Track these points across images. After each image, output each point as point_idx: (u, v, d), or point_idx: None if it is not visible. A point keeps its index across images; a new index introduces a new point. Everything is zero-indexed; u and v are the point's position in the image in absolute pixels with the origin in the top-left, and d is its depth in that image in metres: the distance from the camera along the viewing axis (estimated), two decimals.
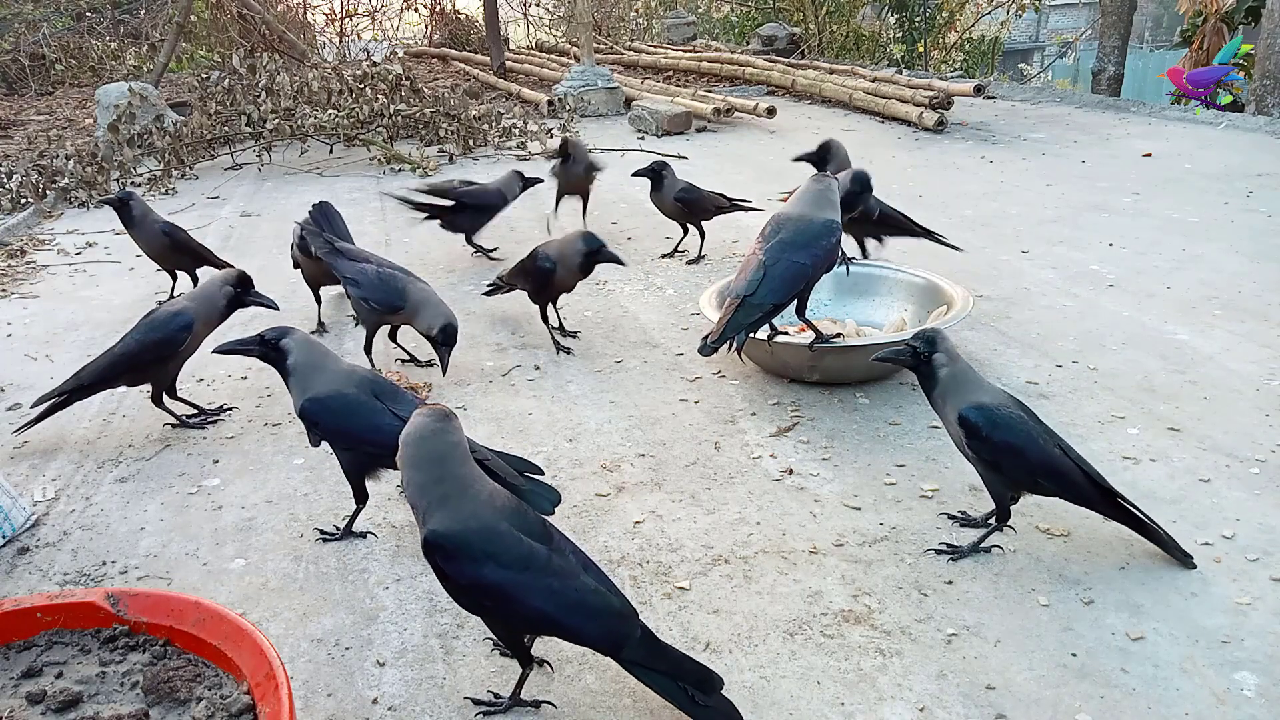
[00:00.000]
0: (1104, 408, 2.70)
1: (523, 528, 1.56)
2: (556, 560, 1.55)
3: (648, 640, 1.55)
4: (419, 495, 1.57)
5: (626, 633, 1.53)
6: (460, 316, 3.73)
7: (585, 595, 1.54)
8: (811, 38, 13.89)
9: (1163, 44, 19.54)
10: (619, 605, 1.56)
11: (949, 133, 7.20)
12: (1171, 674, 1.69)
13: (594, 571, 1.60)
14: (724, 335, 2.56)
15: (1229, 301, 3.46)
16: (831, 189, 2.78)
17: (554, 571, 1.54)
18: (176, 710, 1.43)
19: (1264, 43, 7.76)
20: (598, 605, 1.54)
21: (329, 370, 2.18)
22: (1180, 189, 5.18)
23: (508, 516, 1.57)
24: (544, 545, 1.56)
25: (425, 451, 1.58)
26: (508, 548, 1.53)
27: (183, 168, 6.76)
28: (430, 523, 1.54)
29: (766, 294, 2.59)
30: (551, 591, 1.53)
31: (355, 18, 15.83)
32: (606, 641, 1.55)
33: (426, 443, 1.58)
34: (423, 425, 1.59)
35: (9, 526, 2.29)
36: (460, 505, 1.55)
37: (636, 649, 1.53)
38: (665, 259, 4.38)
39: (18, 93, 11.41)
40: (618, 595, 1.59)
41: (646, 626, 1.58)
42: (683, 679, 1.54)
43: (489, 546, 1.53)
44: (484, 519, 1.55)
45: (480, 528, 1.54)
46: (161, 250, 4.02)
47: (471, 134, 7.25)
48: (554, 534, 1.61)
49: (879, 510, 2.25)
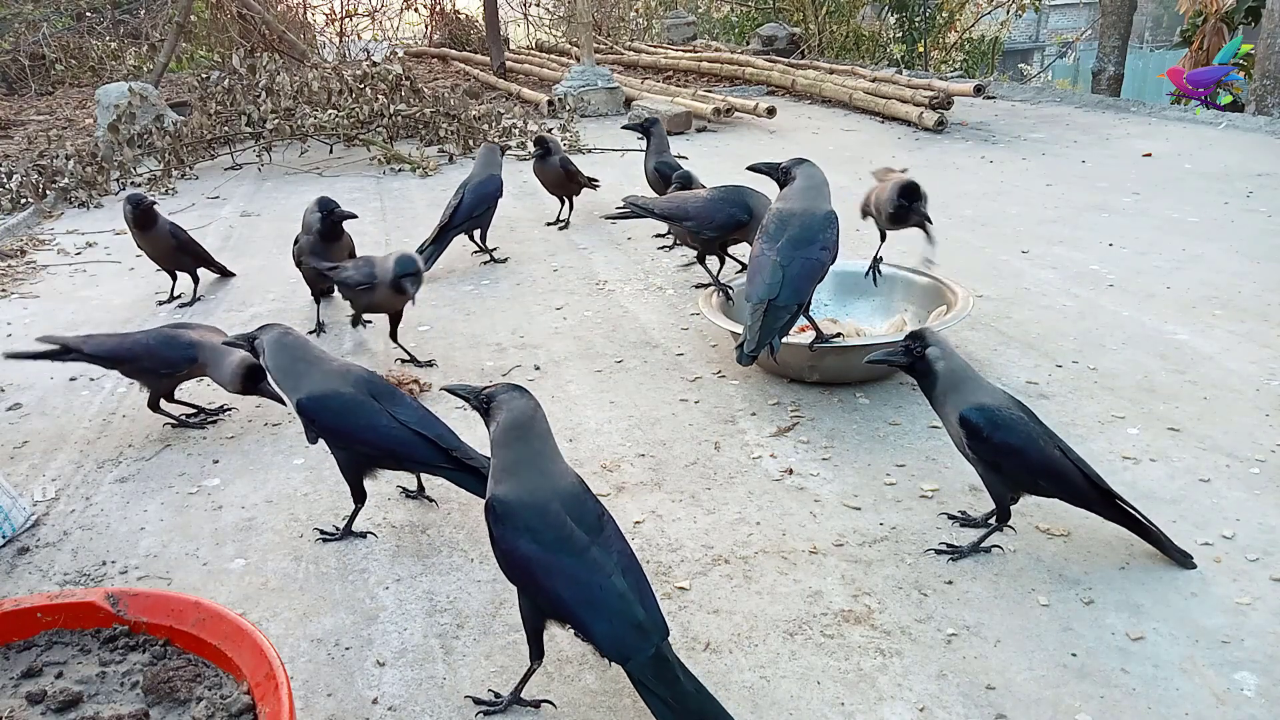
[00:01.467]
0: (1104, 408, 2.70)
1: (575, 513, 1.58)
2: (594, 552, 1.55)
3: (659, 663, 1.50)
4: (499, 467, 1.65)
5: (637, 646, 1.50)
6: (460, 316, 3.74)
7: (608, 595, 1.52)
8: (811, 38, 13.89)
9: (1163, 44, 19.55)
10: (640, 617, 1.52)
11: (949, 133, 7.20)
12: (1171, 674, 1.69)
13: (634, 577, 1.57)
14: (761, 342, 2.55)
15: (1229, 301, 3.46)
16: (824, 180, 2.78)
17: (585, 561, 1.54)
18: (176, 710, 1.43)
19: (1264, 43, 7.76)
20: (615, 608, 1.51)
21: (320, 367, 2.17)
22: (1180, 189, 5.18)
23: (564, 498, 1.60)
24: (590, 535, 1.56)
25: (518, 430, 1.65)
26: (548, 526, 1.57)
27: (183, 168, 6.76)
28: (494, 488, 1.64)
29: (790, 295, 2.59)
30: (574, 580, 1.53)
31: (355, 18, 15.83)
32: (613, 647, 1.52)
33: (521, 423, 1.65)
34: (523, 407, 1.67)
35: (9, 526, 2.29)
36: (524, 478, 1.62)
37: (644, 667, 1.49)
38: (660, 241, 4.40)
39: (18, 93, 11.40)
40: (648, 608, 1.54)
41: (668, 651, 1.52)
42: (682, 714, 1.48)
43: (532, 520, 1.57)
44: (538, 494, 1.60)
45: (531, 501, 1.59)
46: (167, 251, 4.03)
47: (471, 134, 7.25)
48: (607, 528, 1.61)
49: (879, 510, 2.25)
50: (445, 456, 2.08)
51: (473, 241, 4.42)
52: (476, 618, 1.94)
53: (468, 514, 2.32)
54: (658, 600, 1.60)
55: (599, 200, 5.18)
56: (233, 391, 2.70)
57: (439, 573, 2.10)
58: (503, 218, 5.10)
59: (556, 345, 3.38)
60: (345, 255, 3.65)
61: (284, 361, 2.16)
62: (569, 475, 1.66)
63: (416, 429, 2.10)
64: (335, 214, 3.53)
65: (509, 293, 3.99)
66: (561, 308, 3.77)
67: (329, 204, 3.56)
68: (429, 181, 6.30)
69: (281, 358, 2.16)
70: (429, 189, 6.03)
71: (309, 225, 3.57)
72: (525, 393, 1.70)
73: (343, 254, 3.65)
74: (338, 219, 3.54)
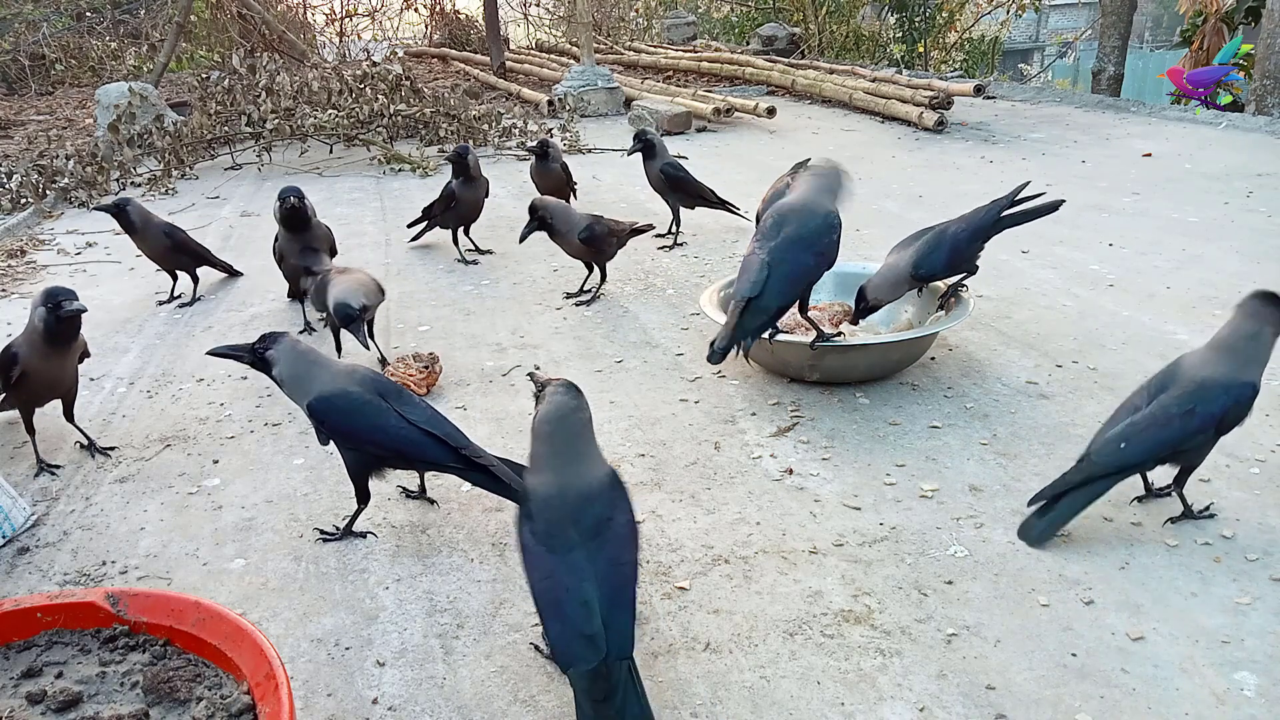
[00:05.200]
0: (1104, 408, 2.69)
1: (577, 513, 1.60)
2: (577, 555, 1.56)
3: (596, 679, 1.45)
4: (529, 456, 1.71)
5: (581, 655, 1.47)
6: (460, 316, 3.74)
7: (570, 599, 1.51)
8: (811, 38, 13.90)
9: (1163, 44, 19.57)
10: (593, 630, 1.48)
11: (949, 133, 7.20)
12: (1171, 674, 1.69)
13: (612, 590, 1.53)
14: (732, 340, 2.50)
15: (1229, 301, 3.43)
16: (836, 178, 2.70)
17: (565, 562, 1.55)
18: (176, 710, 1.43)
19: (1264, 43, 7.76)
20: (571, 614, 1.50)
21: (329, 369, 2.18)
22: (1180, 189, 5.18)
23: (571, 497, 1.62)
24: (582, 538, 1.57)
25: (550, 424, 1.69)
26: (545, 520, 1.60)
27: (183, 168, 6.76)
28: (525, 475, 1.73)
29: (772, 296, 2.52)
30: (547, 576, 1.56)
31: (355, 18, 15.84)
32: (558, 650, 1.53)
33: (553, 417, 1.70)
34: (561, 402, 1.70)
35: (9, 526, 2.29)
36: (543, 471, 1.68)
37: (581, 678, 1.47)
38: (660, 248, 4.40)
39: (18, 93, 11.41)
40: (612, 624, 1.50)
41: (617, 671, 1.46)
42: None
43: (535, 511, 1.63)
44: (547, 488, 1.64)
45: (539, 494, 1.65)
46: (163, 252, 4.03)
47: (471, 134, 7.25)
48: (607, 535, 1.60)
49: (879, 510, 2.25)
50: (455, 455, 2.08)
51: (455, 242, 4.44)
52: (476, 618, 1.94)
53: (468, 514, 2.32)
54: (635, 617, 1.57)
55: (599, 201, 5.18)
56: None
57: (439, 573, 2.10)
58: (502, 217, 5.11)
59: (556, 345, 3.38)
60: (325, 245, 3.63)
61: (298, 369, 2.16)
62: (592, 475, 1.66)
63: (425, 428, 2.09)
64: (288, 203, 3.47)
65: (509, 293, 3.99)
66: (561, 308, 3.77)
67: (285, 192, 3.50)
68: (429, 181, 6.30)
69: (296, 365, 2.16)
70: (429, 189, 6.01)
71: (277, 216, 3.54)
72: (571, 390, 1.73)
73: (321, 243, 3.60)
74: (289, 209, 3.47)
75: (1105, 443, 2.06)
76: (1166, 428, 2.01)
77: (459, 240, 4.44)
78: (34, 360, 2.55)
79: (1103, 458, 2.04)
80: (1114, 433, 2.06)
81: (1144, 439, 2.02)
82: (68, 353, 2.64)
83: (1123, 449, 2.02)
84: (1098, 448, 2.06)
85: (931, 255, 2.87)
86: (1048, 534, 2.07)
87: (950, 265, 2.90)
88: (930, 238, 2.91)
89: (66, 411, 2.71)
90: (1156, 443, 2.02)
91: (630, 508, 1.68)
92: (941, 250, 2.87)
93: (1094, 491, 2.06)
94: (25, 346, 2.56)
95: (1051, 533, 2.07)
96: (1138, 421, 2.04)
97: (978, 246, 2.93)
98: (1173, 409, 2.02)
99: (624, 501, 1.67)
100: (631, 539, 1.64)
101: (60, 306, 2.51)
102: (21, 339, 2.60)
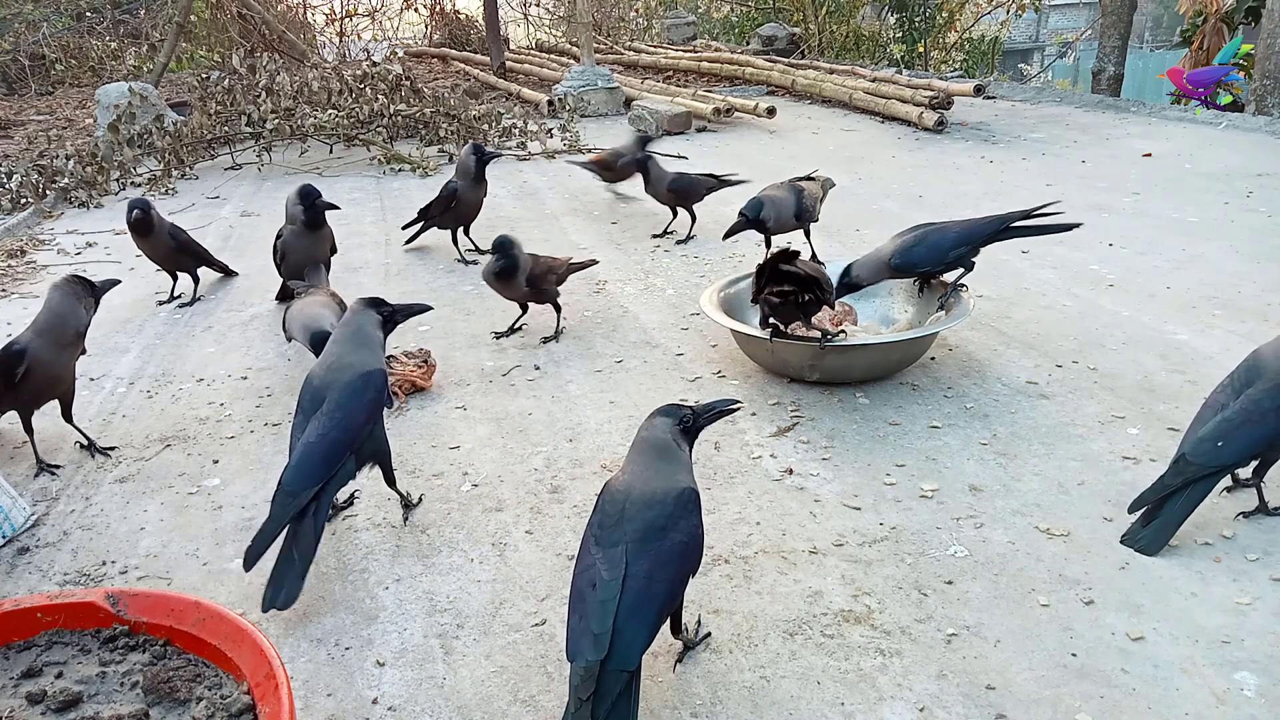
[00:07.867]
0: (1104, 408, 2.70)
1: (632, 517, 1.62)
2: (617, 553, 1.58)
3: (585, 679, 1.45)
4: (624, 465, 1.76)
5: (581, 651, 1.49)
6: (460, 316, 3.74)
7: (591, 595, 1.54)
8: (811, 38, 13.90)
9: (1163, 44, 19.57)
10: (601, 630, 1.49)
11: (949, 133, 7.20)
12: (1171, 674, 1.69)
13: (634, 599, 1.53)
14: None
15: (1229, 301, 3.46)
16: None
17: (609, 558, 1.57)
18: (176, 710, 1.43)
19: (1264, 43, 7.76)
20: (587, 610, 1.53)
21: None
22: (1180, 189, 5.18)
23: (631, 504, 1.65)
24: (636, 542, 1.58)
25: (647, 442, 1.78)
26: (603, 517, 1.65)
27: (183, 168, 6.76)
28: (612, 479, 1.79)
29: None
30: (585, 569, 1.60)
31: (355, 18, 15.84)
32: (568, 640, 1.55)
33: (651, 436, 1.79)
34: (650, 424, 1.80)
35: (9, 526, 2.29)
36: (624, 476, 1.73)
37: (575, 672, 1.48)
38: (656, 240, 4.40)
39: (18, 93, 11.41)
40: (623, 631, 1.50)
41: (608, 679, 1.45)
42: None
43: (600, 505, 1.68)
44: (614, 491, 1.69)
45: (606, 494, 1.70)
46: (167, 253, 4.03)
47: (471, 134, 7.25)
48: (658, 543, 1.60)
49: (879, 510, 2.25)
50: None
51: (454, 242, 4.44)
52: (476, 618, 1.94)
53: (467, 514, 2.32)
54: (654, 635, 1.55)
55: (599, 201, 5.18)
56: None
57: (439, 573, 2.10)
58: (502, 217, 5.11)
59: (556, 345, 3.38)
60: (327, 248, 3.70)
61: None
62: (661, 485, 1.68)
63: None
64: (318, 203, 3.53)
65: None
66: (561, 308, 3.76)
67: (312, 192, 3.56)
68: (429, 181, 6.30)
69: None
70: (429, 189, 6.01)
71: (292, 216, 3.57)
72: (665, 413, 1.81)
73: (325, 246, 3.68)
74: (320, 209, 3.53)
75: (1200, 442, 2.03)
76: (1262, 423, 1.99)
77: (459, 240, 4.44)
78: (42, 354, 2.59)
79: (1200, 458, 2.01)
80: (1207, 431, 2.03)
81: (1240, 436, 2.00)
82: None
83: (1220, 448, 2.00)
84: (1192, 448, 2.03)
85: (911, 250, 2.96)
86: (1160, 541, 2.02)
87: (928, 261, 2.98)
88: (917, 233, 2.99)
89: (65, 412, 2.72)
90: (1253, 439, 2.00)
91: (693, 528, 1.66)
92: (920, 247, 2.96)
93: (1198, 493, 2.03)
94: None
95: (1163, 540, 2.02)
96: (1231, 418, 2.01)
97: (967, 250, 2.98)
98: (1265, 403, 1.99)
99: (687, 521, 1.65)
100: (682, 557, 1.62)
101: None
102: (26, 334, 2.62)
